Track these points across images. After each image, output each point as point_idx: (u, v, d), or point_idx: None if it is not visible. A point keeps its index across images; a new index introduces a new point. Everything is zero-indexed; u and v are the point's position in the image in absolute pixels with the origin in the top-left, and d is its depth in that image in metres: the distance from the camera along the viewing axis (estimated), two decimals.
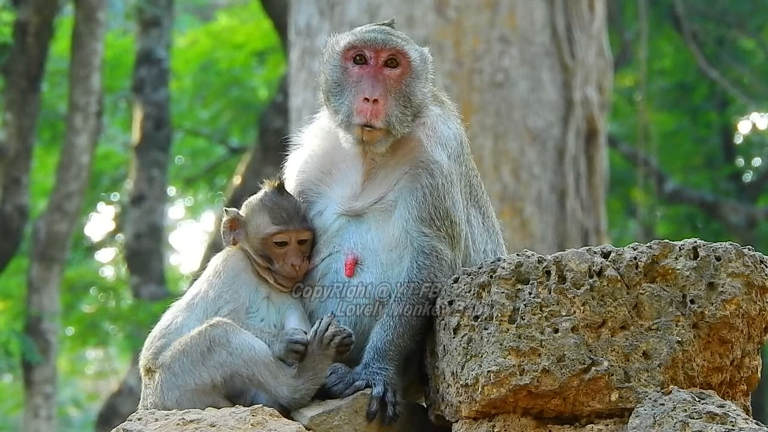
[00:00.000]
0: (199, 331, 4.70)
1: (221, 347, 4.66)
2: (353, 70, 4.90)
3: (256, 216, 4.94)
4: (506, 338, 4.45)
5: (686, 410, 4.29)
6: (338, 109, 4.91)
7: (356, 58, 4.91)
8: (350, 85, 4.89)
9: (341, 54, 4.92)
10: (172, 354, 4.72)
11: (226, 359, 4.65)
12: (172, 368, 4.71)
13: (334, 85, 4.93)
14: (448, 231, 4.87)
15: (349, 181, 4.98)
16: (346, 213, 4.93)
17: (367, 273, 4.85)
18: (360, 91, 4.85)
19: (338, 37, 4.99)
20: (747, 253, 4.53)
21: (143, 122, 19.97)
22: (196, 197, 27.60)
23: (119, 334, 21.97)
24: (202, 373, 4.66)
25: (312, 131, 5.13)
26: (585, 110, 11.97)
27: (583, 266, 4.48)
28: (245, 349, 4.66)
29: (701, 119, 22.78)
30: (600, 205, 12.10)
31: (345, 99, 4.89)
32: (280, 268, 4.87)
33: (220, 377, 4.65)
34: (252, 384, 4.66)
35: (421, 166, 4.89)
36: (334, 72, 4.93)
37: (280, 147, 5.35)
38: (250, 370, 4.65)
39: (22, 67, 16.92)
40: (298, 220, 4.90)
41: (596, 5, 12.27)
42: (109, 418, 18.33)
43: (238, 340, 4.68)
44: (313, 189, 5.02)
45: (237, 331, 4.69)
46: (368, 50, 4.89)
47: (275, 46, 20.39)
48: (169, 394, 4.72)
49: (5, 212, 16.96)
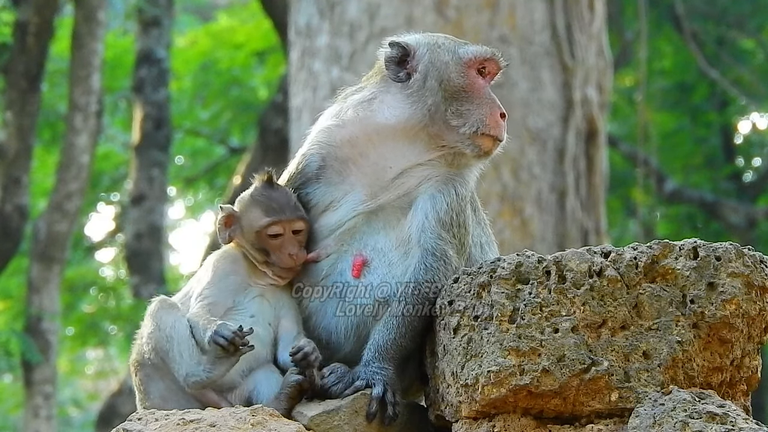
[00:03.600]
0: (147, 312, 4.88)
1: (152, 319, 4.83)
2: (479, 81, 4.99)
3: (248, 210, 4.95)
4: (506, 338, 4.45)
5: (686, 410, 4.29)
6: (464, 114, 4.94)
7: (480, 69, 5.00)
8: (480, 96, 4.96)
9: (469, 62, 4.99)
10: (137, 347, 4.87)
11: (153, 332, 4.82)
12: (139, 360, 4.85)
13: (461, 90, 4.97)
14: (461, 239, 4.90)
15: (384, 168, 4.98)
16: (366, 207, 4.94)
17: (374, 274, 4.86)
18: (496, 106, 4.96)
19: (457, 43, 5.05)
20: (747, 253, 4.53)
21: (143, 122, 19.98)
22: (196, 197, 27.60)
23: (119, 334, 22.00)
24: (146, 350, 4.82)
25: (353, 110, 5.07)
26: (585, 110, 11.97)
27: (583, 266, 4.48)
28: (168, 325, 4.79)
29: (701, 119, 22.78)
30: (600, 205, 12.10)
31: (475, 108, 4.94)
32: (277, 259, 4.88)
33: (150, 348, 4.80)
34: (164, 360, 4.78)
35: (457, 174, 4.98)
36: (460, 77, 4.98)
37: (280, 147, 5.35)
38: (167, 345, 4.77)
39: (22, 67, 16.91)
40: (290, 210, 4.92)
41: (596, 5, 12.27)
42: (109, 418, 18.32)
43: (168, 316, 4.83)
44: (336, 167, 5.01)
45: (170, 309, 4.85)
46: (492, 65, 5.03)
47: (275, 46, 20.39)
48: (150, 389, 4.84)
49: (5, 212, 16.96)
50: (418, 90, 4.98)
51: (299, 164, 5.06)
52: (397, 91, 5.01)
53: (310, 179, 5.04)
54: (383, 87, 5.05)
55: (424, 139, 4.97)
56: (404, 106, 4.99)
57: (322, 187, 5.02)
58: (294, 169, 5.07)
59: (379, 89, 5.06)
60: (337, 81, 11.24)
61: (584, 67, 12.00)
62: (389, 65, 5.02)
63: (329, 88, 11.41)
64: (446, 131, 4.95)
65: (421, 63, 5.00)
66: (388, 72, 5.03)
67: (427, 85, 4.97)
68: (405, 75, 5.01)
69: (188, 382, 4.74)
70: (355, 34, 11.53)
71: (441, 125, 4.95)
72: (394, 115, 4.98)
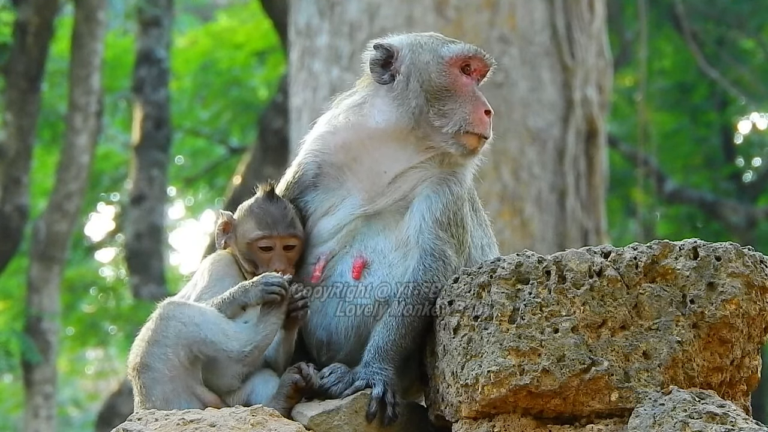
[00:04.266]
0: (152, 318, 4.78)
1: (175, 320, 4.73)
2: (463, 79, 4.94)
3: (244, 220, 4.97)
4: (506, 338, 4.45)
5: (686, 410, 4.29)
6: (447, 114, 4.90)
7: (464, 68, 4.95)
8: (463, 95, 4.92)
9: (450, 61, 4.95)
10: (142, 350, 4.77)
11: (181, 330, 4.71)
12: (146, 363, 4.75)
13: (443, 89, 4.93)
14: (459, 238, 4.89)
15: (379, 173, 4.96)
16: (365, 212, 4.93)
17: (374, 276, 4.85)
18: (480, 103, 4.90)
19: (440, 42, 5.00)
20: (747, 253, 4.53)
21: (143, 122, 19.98)
22: (196, 197, 27.61)
23: (119, 334, 21.99)
24: (168, 354, 4.71)
25: (345, 115, 5.05)
26: (585, 110, 11.97)
27: (583, 266, 4.48)
28: (195, 315, 4.73)
29: (701, 119, 22.78)
30: (600, 205, 12.10)
31: (459, 106, 4.90)
32: (264, 272, 4.86)
33: (182, 351, 4.70)
34: (208, 347, 4.70)
35: (451, 173, 4.94)
36: (441, 77, 4.94)
37: (280, 147, 5.35)
38: (203, 333, 4.70)
39: (22, 67, 16.91)
40: (283, 226, 4.90)
41: (596, 5, 12.27)
42: (109, 418, 18.33)
43: (189, 309, 4.76)
44: (332, 174, 5.00)
45: (186, 304, 4.79)
46: (477, 63, 4.98)
47: (275, 46, 20.39)
48: (154, 392, 4.75)
49: (5, 212, 16.96)
50: (402, 92, 4.95)
51: (296, 173, 5.04)
52: (385, 94, 4.99)
53: (307, 187, 5.03)
54: (373, 90, 5.02)
55: (413, 141, 4.95)
56: (392, 110, 4.96)
57: (320, 194, 5.01)
58: (291, 178, 5.05)
59: (369, 93, 5.03)
60: (337, 81, 11.25)
61: (584, 67, 12.00)
62: (374, 68, 4.99)
63: (329, 88, 11.41)
64: (432, 132, 4.92)
65: (403, 64, 4.96)
66: (372, 75, 5.00)
67: (410, 87, 4.94)
68: (389, 77, 4.98)
69: (245, 353, 4.69)
70: (355, 34, 11.53)
71: (426, 127, 4.92)
72: (384, 119, 4.96)
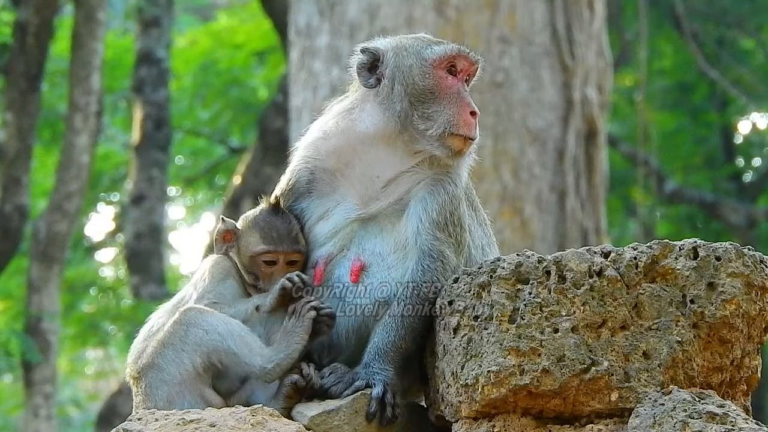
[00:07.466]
0: (174, 320, 4.74)
1: (196, 327, 4.70)
2: (448, 81, 4.89)
3: (248, 232, 4.93)
4: (506, 338, 4.45)
5: (686, 410, 4.29)
6: (432, 116, 4.86)
7: (450, 68, 4.90)
8: (448, 96, 4.87)
9: (433, 63, 4.90)
10: (154, 350, 4.74)
11: (202, 337, 4.68)
12: (156, 364, 4.73)
13: (427, 92, 4.88)
14: (457, 237, 4.87)
15: (371, 178, 4.94)
16: (360, 216, 4.92)
17: (372, 278, 4.84)
18: (465, 104, 4.85)
19: (425, 44, 4.95)
20: (747, 253, 4.53)
21: (143, 122, 19.98)
22: (196, 197, 27.61)
23: (119, 334, 21.99)
24: (184, 359, 4.68)
25: (335, 120, 5.03)
26: (585, 110, 11.97)
27: (583, 266, 4.48)
28: (219, 324, 4.70)
29: (701, 119, 22.78)
30: (600, 205, 12.11)
31: (443, 108, 4.85)
32: (265, 286, 4.86)
33: (199, 358, 4.68)
34: (229, 358, 4.67)
35: (445, 174, 4.91)
36: (425, 79, 4.89)
37: (280, 147, 5.34)
38: (226, 343, 4.67)
39: (22, 67, 16.90)
40: (288, 242, 4.88)
41: (596, 5, 12.28)
42: (109, 418, 18.33)
43: (212, 318, 4.72)
44: (325, 179, 4.98)
45: (209, 312, 4.74)
46: (463, 62, 4.92)
47: (275, 46, 20.39)
48: (158, 393, 4.72)
49: (5, 212, 16.95)
50: (387, 96, 4.92)
51: (289, 181, 5.03)
52: (373, 99, 4.95)
53: (302, 194, 5.01)
54: (362, 95, 4.99)
55: (401, 146, 4.92)
56: (379, 114, 4.93)
57: (314, 200, 4.99)
58: (285, 186, 5.04)
59: (359, 97, 5.00)
60: (337, 81, 11.24)
61: (584, 67, 12.00)
62: (360, 71, 4.95)
63: (329, 88, 11.42)
64: (418, 136, 4.88)
65: (388, 68, 4.93)
66: (359, 79, 4.96)
67: (395, 91, 4.91)
68: (375, 81, 4.94)
69: (267, 369, 4.67)
70: (355, 34, 11.52)
71: (412, 130, 4.89)
72: (373, 124, 4.93)
